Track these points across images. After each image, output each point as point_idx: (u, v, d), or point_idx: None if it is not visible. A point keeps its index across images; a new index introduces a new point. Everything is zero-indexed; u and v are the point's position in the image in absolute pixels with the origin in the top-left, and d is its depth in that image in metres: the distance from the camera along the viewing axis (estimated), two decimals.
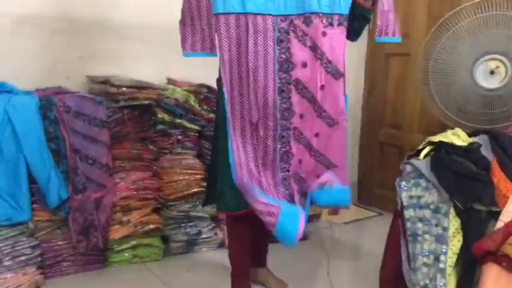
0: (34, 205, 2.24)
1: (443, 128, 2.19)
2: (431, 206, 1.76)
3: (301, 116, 1.86)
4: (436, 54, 2.15)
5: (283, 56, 1.79)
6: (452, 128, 2.04)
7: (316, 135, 1.90)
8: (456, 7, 2.28)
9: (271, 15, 1.75)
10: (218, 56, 1.83)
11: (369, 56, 3.53)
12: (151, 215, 2.56)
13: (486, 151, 1.81)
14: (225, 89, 1.83)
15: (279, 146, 1.87)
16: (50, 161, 2.25)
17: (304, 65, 1.80)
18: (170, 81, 2.84)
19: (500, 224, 1.59)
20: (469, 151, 1.80)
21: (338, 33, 1.81)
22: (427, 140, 1.98)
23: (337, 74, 1.84)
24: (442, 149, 1.85)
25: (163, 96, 2.58)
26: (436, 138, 1.93)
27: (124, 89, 2.42)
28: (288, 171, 1.91)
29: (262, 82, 1.79)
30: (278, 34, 1.77)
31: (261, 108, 1.82)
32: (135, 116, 2.49)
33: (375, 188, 3.55)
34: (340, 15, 1.80)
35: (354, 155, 3.65)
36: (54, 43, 2.55)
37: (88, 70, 2.64)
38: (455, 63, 2.09)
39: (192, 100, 2.65)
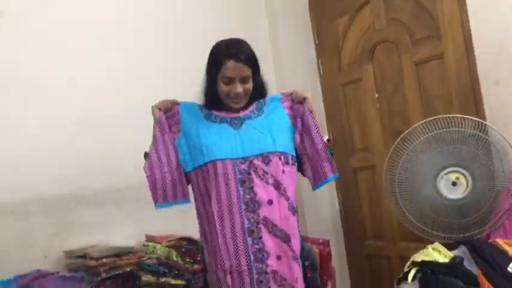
0: None
1: (425, 237, 2.23)
2: None
3: (278, 258, 1.81)
4: (398, 173, 2.25)
5: (248, 196, 1.80)
6: (431, 241, 2.09)
7: (297, 279, 1.83)
8: (405, 120, 2.44)
9: (230, 159, 1.81)
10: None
11: (338, 172, 3.63)
12: None
13: (469, 263, 1.85)
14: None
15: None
16: None
17: (270, 202, 1.81)
18: (149, 238, 2.83)
19: None
20: (453, 267, 1.83)
21: (293, 172, 1.91)
22: (410, 260, 2.00)
23: (294, 210, 1.88)
24: (427, 269, 1.87)
25: (145, 258, 2.56)
26: (418, 257, 1.96)
27: (104, 260, 2.40)
28: (266, 268, 1.81)
29: (229, 225, 1.79)
30: (240, 176, 1.81)
31: (232, 253, 1.79)
32: (119, 285, 2.44)
33: None
34: (292, 155, 1.90)
35: (344, 272, 3.60)
36: (29, 225, 2.55)
37: (65, 245, 2.61)
38: (418, 179, 2.19)
39: (174, 255, 2.63)
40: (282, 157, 1.85)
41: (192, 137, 1.87)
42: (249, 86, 1.86)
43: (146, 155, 1.90)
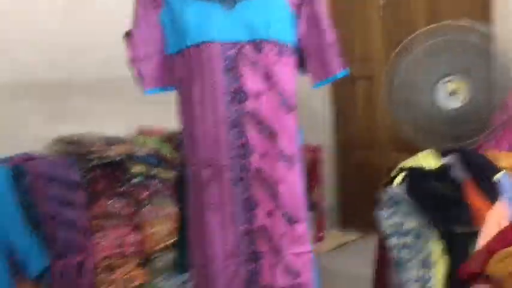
0: (15, 278, 2.18)
1: (415, 145, 2.24)
2: (413, 232, 1.78)
3: (263, 156, 1.65)
4: (398, 78, 2.21)
5: (234, 86, 1.61)
6: (423, 149, 2.09)
7: (280, 181, 1.67)
8: (410, 30, 2.36)
9: (218, 42, 1.61)
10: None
11: (335, 81, 3.59)
12: (136, 270, 2.51)
13: (458, 171, 1.85)
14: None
15: (239, 191, 1.65)
16: (26, 230, 2.20)
17: (258, 95, 1.63)
18: (140, 130, 2.83)
19: (481, 244, 1.62)
20: (441, 173, 1.84)
21: (289, 64, 1.69)
22: (398, 165, 2.01)
23: (289, 107, 1.69)
24: (414, 174, 1.88)
25: (135, 148, 2.56)
26: (407, 163, 1.96)
27: (95, 147, 2.40)
28: (251, 222, 1.66)
29: (211, 115, 1.63)
30: (226, 62, 1.61)
31: (212, 145, 1.64)
32: (109, 173, 2.46)
33: (355, 211, 3.57)
34: (289, 45, 1.68)
35: (332, 178, 3.68)
36: (17, 108, 2.52)
37: (55, 132, 2.60)
38: (416, 86, 2.15)
39: (166, 148, 2.64)
40: (277, 46, 1.64)
41: (176, 14, 1.64)
42: None
43: (128, 34, 1.71)
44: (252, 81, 1.62)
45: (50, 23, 2.55)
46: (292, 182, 1.70)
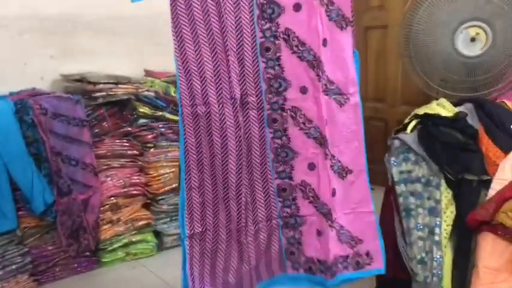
0: (20, 212, 2.19)
1: (427, 99, 2.18)
2: (422, 180, 1.75)
3: (303, 90, 1.32)
4: (416, 24, 2.11)
5: None
6: (437, 99, 2.03)
7: (326, 121, 1.33)
8: None
9: None
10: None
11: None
12: (141, 211, 2.53)
13: (472, 120, 1.81)
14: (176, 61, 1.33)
15: (270, 135, 1.33)
16: (31, 165, 2.19)
17: (297, 7, 1.27)
18: (148, 73, 2.78)
19: (492, 193, 1.59)
20: (455, 121, 1.79)
21: None
22: (413, 113, 1.96)
23: (342, 21, 1.31)
24: (428, 121, 1.84)
25: (143, 89, 2.52)
26: (422, 110, 1.91)
27: (101, 85, 2.36)
28: (291, 178, 1.36)
29: (234, 39, 1.28)
30: None
31: (235, 76, 1.29)
32: (115, 112, 2.43)
33: None
34: None
35: None
36: (24, 43, 2.46)
37: (62, 69, 2.56)
38: (435, 32, 2.05)
39: (173, 91, 2.59)
40: None
41: None
42: None
43: None
44: None
45: None
46: (343, 122, 1.37)
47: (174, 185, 2.56)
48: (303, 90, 1.32)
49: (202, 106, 1.33)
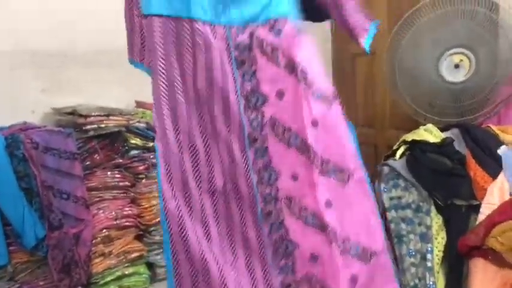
0: (11, 247, 2.17)
1: (415, 123, 2.21)
2: (413, 206, 1.77)
3: (295, 177, 1.25)
4: (401, 51, 2.17)
5: (249, 85, 1.25)
6: (424, 124, 2.06)
7: (328, 203, 1.23)
8: (416, 4, 2.31)
9: (221, 25, 1.24)
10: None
11: (335, 57, 3.54)
12: (134, 243, 2.51)
13: (459, 145, 1.83)
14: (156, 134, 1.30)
15: (267, 230, 1.24)
16: (22, 200, 2.18)
17: (281, 94, 1.25)
18: (139, 104, 2.80)
19: (481, 217, 1.60)
20: (443, 147, 1.82)
21: (310, 40, 1.30)
22: (401, 139, 1.99)
23: (328, 98, 1.29)
24: (416, 148, 1.86)
25: (134, 120, 2.54)
26: (410, 136, 1.94)
27: (92, 118, 2.37)
28: (294, 272, 1.24)
29: (224, 129, 1.24)
30: (236, 53, 1.25)
31: (225, 169, 1.24)
32: (107, 144, 2.44)
33: None
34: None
35: None
36: (15, 77, 2.48)
37: (53, 102, 2.58)
38: (420, 59, 2.10)
39: None
40: (296, 24, 1.27)
41: None
42: None
43: None
44: (271, 76, 1.26)
45: None
46: (349, 202, 1.27)
47: None
48: (295, 177, 1.25)
49: (182, 199, 1.27)
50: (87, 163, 2.37)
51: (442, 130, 1.96)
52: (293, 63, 1.24)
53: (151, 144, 2.56)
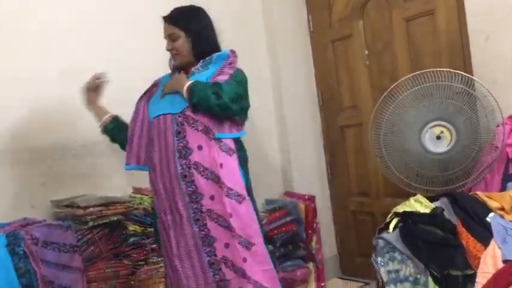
0: None
1: (407, 190, 2.27)
2: (410, 278, 1.79)
3: (212, 198, 1.94)
4: (385, 125, 2.27)
5: (181, 144, 1.95)
6: (414, 194, 2.12)
7: (231, 214, 1.93)
8: (394, 78, 2.44)
9: (171, 114, 2.01)
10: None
11: (325, 129, 3.66)
12: None
13: (449, 214, 1.89)
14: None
15: (197, 230, 1.95)
16: None
17: (200, 148, 1.95)
18: (136, 190, 2.85)
19: (477, 287, 1.63)
20: (433, 217, 1.87)
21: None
22: (392, 211, 2.04)
23: (230, 150, 1.98)
24: (408, 219, 1.91)
25: (132, 208, 2.58)
26: (401, 208, 1.99)
27: (91, 209, 2.41)
28: (215, 255, 1.94)
29: (166, 171, 1.98)
30: (176, 127, 1.98)
31: (170, 196, 1.98)
32: (106, 234, 2.46)
33: (355, 258, 3.55)
34: None
35: (329, 228, 3.67)
36: (15, 175, 2.55)
37: (52, 195, 2.62)
38: (403, 132, 2.20)
39: None
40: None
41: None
42: (178, 44, 2.05)
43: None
44: (193, 138, 1.96)
45: (46, 89, 2.63)
46: (242, 213, 1.96)
47: None
48: (212, 198, 1.95)
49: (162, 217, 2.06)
50: (87, 254, 2.38)
51: (432, 199, 2.02)
52: (206, 128, 1.96)
53: (149, 229, 2.59)
